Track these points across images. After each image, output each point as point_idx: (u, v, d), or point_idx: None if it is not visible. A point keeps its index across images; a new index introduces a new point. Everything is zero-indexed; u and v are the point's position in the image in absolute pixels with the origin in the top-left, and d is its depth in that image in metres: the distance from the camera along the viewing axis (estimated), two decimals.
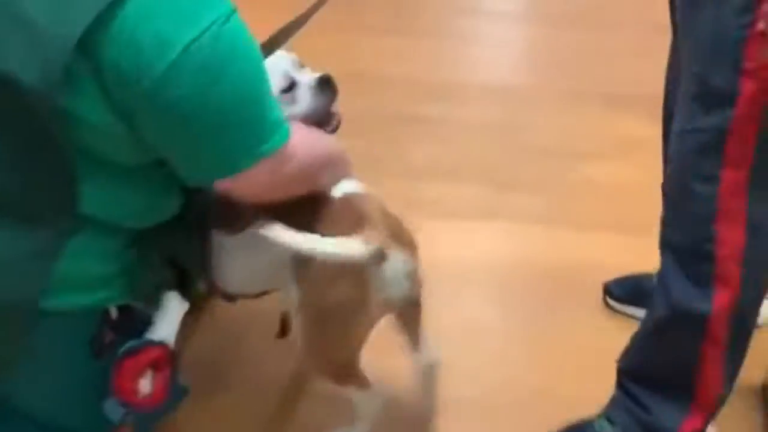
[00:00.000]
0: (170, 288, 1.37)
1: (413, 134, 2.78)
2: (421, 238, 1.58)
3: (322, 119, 1.48)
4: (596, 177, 2.53)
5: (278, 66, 1.46)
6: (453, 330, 1.94)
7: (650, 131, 1.92)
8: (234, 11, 1.10)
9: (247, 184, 1.18)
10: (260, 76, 1.15)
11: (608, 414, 1.59)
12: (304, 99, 1.46)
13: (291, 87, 1.45)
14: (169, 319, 1.34)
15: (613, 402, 1.59)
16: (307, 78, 1.47)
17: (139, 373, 1.25)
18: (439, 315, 1.92)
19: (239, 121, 1.11)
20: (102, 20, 1.02)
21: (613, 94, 3.02)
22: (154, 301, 1.34)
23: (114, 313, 1.27)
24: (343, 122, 1.53)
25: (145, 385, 1.26)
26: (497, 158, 2.64)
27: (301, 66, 1.50)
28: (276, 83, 1.44)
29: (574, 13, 3.77)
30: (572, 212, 2.37)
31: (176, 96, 1.05)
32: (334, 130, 1.51)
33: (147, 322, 1.31)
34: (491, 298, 2.08)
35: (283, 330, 1.64)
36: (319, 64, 1.53)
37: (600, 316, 2.00)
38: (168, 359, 1.28)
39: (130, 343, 1.25)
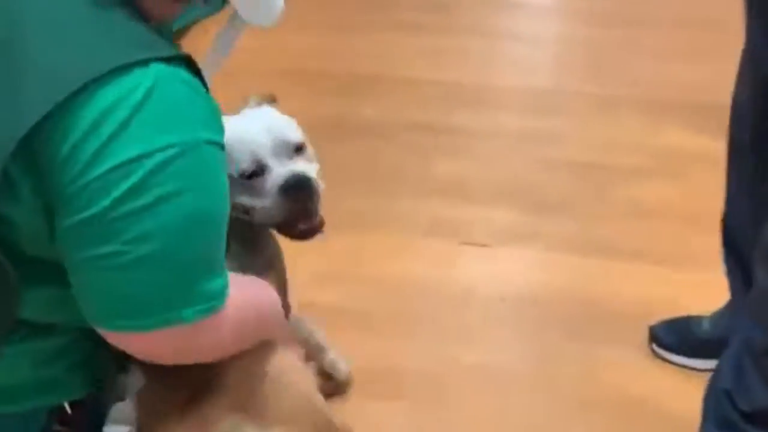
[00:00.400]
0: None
1: (439, 145, 2.59)
2: (445, 265, 1.46)
3: (292, 221, 1.27)
4: (639, 197, 2.33)
5: (251, 137, 1.25)
6: (477, 371, 1.81)
7: (701, 144, 1.75)
8: (210, 144, 0.94)
9: (141, 348, 1.02)
10: (205, 231, 0.97)
11: None
12: (269, 195, 1.25)
13: (258, 172, 1.24)
14: (126, 405, 1.21)
15: None
16: (281, 169, 1.24)
17: None
18: (462, 353, 1.80)
19: (153, 272, 0.94)
20: (48, 122, 0.89)
21: (659, 100, 2.78)
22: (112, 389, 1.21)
23: (68, 409, 1.14)
24: (362, 129, 1.34)
25: None
26: (530, 175, 2.44)
27: (300, 144, 1.28)
28: (242, 162, 1.24)
29: (616, 9, 3.52)
30: (612, 238, 2.17)
31: (90, 210, 0.90)
32: (309, 234, 1.29)
33: (103, 413, 1.21)
34: (521, 335, 1.93)
35: None
36: (341, 64, 1.35)
37: (643, 358, 1.84)
38: None
39: None
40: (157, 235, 0.91)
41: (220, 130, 0.99)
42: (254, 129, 1.27)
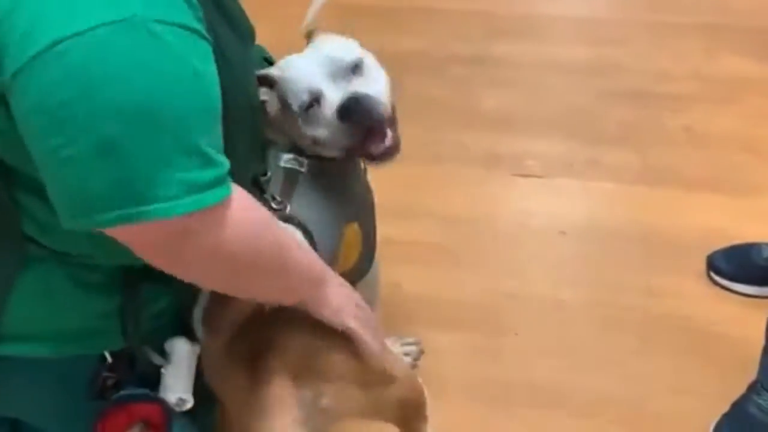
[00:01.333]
0: (174, 333, 1.19)
1: (486, 78, 2.55)
2: (504, 198, 1.45)
3: (360, 145, 1.21)
4: (697, 126, 2.28)
5: (305, 67, 1.21)
6: (536, 303, 1.82)
7: (759, 71, 1.69)
8: (166, 24, 0.85)
9: (128, 241, 0.93)
10: (163, 118, 0.85)
11: None
12: (329, 122, 1.20)
13: (315, 102, 1.20)
14: (178, 371, 1.16)
15: None
16: (336, 93, 1.19)
17: (124, 429, 1.12)
18: (520, 285, 1.81)
19: (114, 161, 0.84)
20: None
21: (716, 26, 2.70)
22: (161, 349, 1.18)
23: (108, 357, 1.14)
24: (406, 62, 1.27)
25: None
26: (584, 106, 2.40)
27: (356, 62, 1.21)
28: (300, 94, 1.20)
29: None
30: (670, 168, 2.15)
31: (32, 100, 0.83)
32: (384, 157, 1.21)
33: (157, 369, 1.17)
34: (582, 265, 1.92)
35: None
36: None
37: (703, 286, 1.83)
38: (163, 417, 1.12)
39: (121, 393, 1.12)
40: (102, 121, 0.83)
41: (182, 13, 0.88)
42: (308, 59, 1.23)
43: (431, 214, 2.06)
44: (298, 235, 1.22)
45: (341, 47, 1.24)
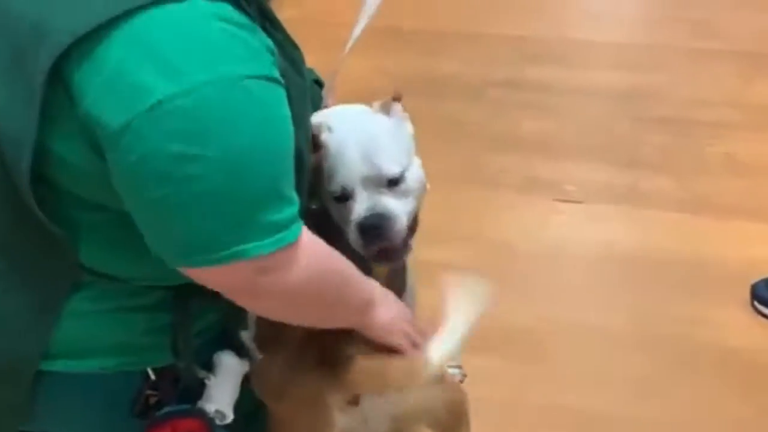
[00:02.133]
0: (219, 348, 1.20)
1: (523, 102, 2.56)
2: (541, 222, 1.46)
3: (373, 255, 1.20)
4: (737, 154, 2.28)
5: (346, 159, 1.17)
6: (576, 329, 1.81)
7: None
8: (254, 78, 0.90)
9: (213, 282, 0.99)
10: (256, 164, 0.91)
11: None
12: (351, 226, 1.17)
13: (344, 198, 1.18)
14: (223, 385, 1.17)
15: None
16: (362, 205, 1.16)
17: None
18: (559, 310, 1.80)
19: (215, 209, 0.91)
20: (77, 51, 0.87)
21: (755, 53, 2.70)
22: (207, 364, 1.19)
23: (152, 375, 1.14)
24: (442, 84, 1.28)
25: None
26: (622, 131, 2.40)
27: (396, 177, 1.18)
28: (332, 183, 1.17)
29: None
30: (710, 196, 2.14)
31: (137, 154, 0.87)
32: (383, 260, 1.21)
33: (200, 384, 1.17)
34: (624, 292, 1.91)
35: None
36: (410, 23, 1.33)
37: (746, 315, 1.82)
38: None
39: (166, 409, 1.12)
40: (208, 172, 0.88)
41: (267, 65, 0.93)
42: (351, 150, 1.19)
43: (469, 238, 2.06)
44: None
45: (386, 155, 1.19)
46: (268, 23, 1.07)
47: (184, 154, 0.87)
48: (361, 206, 1.17)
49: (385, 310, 1.23)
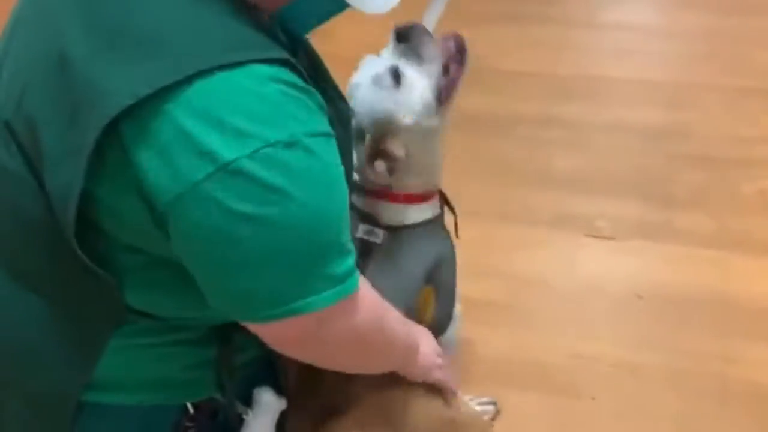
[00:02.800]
0: (262, 383, 1.23)
1: (551, 139, 2.57)
2: (575, 259, 1.47)
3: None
4: None
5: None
6: (611, 367, 1.81)
7: None
8: (312, 136, 0.92)
9: (272, 335, 1.02)
10: (321, 220, 0.94)
11: None
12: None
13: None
14: (260, 421, 1.20)
15: None
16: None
17: None
18: (592, 348, 1.80)
19: (280, 267, 0.93)
20: (137, 111, 0.88)
21: None
22: (246, 399, 1.22)
23: (191, 409, 1.16)
24: (476, 121, 1.34)
25: None
26: (654, 168, 2.40)
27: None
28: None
29: None
30: (744, 233, 2.13)
31: (201, 218, 0.89)
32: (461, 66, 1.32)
33: (238, 419, 1.20)
34: (657, 329, 1.90)
35: None
36: None
37: None
38: None
39: None
40: (274, 231, 0.90)
41: (323, 122, 0.96)
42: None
43: (501, 274, 2.07)
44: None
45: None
46: (319, 75, 1.09)
47: (249, 215, 0.89)
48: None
49: (423, 351, 1.25)
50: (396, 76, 1.28)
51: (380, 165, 1.30)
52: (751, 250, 2.07)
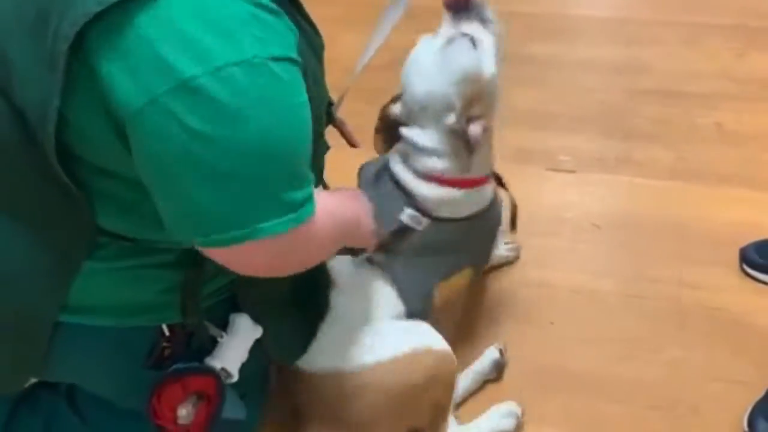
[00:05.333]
0: (232, 309, 1.25)
1: (518, 77, 2.57)
2: (537, 191, 1.51)
3: None
4: (729, 124, 2.31)
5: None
6: (566, 292, 1.85)
7: None
8: (276, 60, 0.92)
9: (232, 262, 1.03)
10: (279, 146, 0.94)
11: None
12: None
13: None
14: (233, 345, 1.22)
15: None
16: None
17: (180, 400, 1.16)
18: (555, 275, 1.84)
19: (232, 189, 0.93)
20: (103, 22, 0.88)
21: (747, 27, 2.73)
22: (224, 323, 1.24)
23: (166, 330, 1.19)
24: None
25: (185, 414, 1.15)
26: (615, 103, 2.43)
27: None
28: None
29: None
30: (702, 164, 2.18)
31: (159, 132, 0.90)
32: None
33: (212, 342, 1.22)
34: (616, 257, 1.95)
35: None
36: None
37: (735, 278, 1.86)
38: (217, 389, 1.17)
39: (176, 366, 1.16)
40: (224, 154, 0.91)
41: (290, 47, 0.96)
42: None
43: None
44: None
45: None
46: (295, 10, 1.09)
47: (206, 134, 0.89)
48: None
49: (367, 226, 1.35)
50: (472, 40, 1.37)
51: (476, 128, 1.38)
52: (708, 181, 2.11)
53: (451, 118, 1.37)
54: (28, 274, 1.09)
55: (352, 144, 1.41)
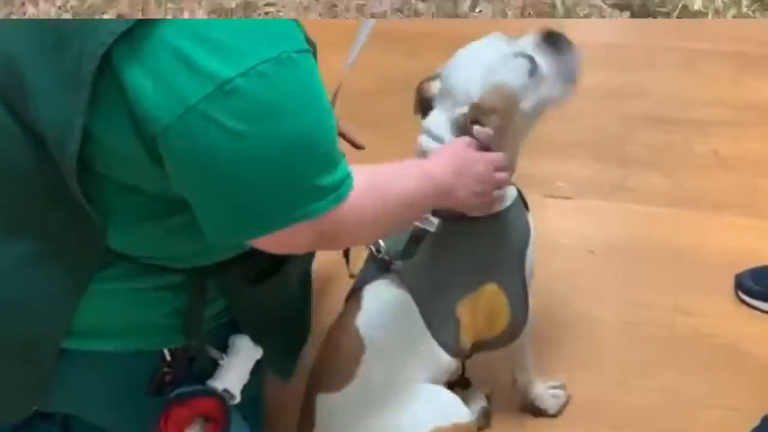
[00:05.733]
0: (233, 332, 1.26)
1: None
2: (534, 217, 1.52)
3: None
4: (725, 151, 2.32)
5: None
6: (566, 320, 1.84)
7: None
8: (298, 53, 0.95)
9: (282, 244, 1.06)
10: (313, 133, 0.99)
11: None
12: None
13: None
14: (235, 367, 1.22)
15: None
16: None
17: (187, 423, 1.17)
18: (551, 302, 1.84)
19: (274, 179, 0.97)
20: (128, 38, 0.91)
21: (743, 53, 2.74)
22: (224, 346, 1.24)
23: (167, 355, 1.20)
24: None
25: None
26: (612, 129, 2.44)
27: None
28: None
29: None
30: (698, 191, 2.18)
31: (199, 139, 0.92)
32: None
33: (214, 365, 1.23)
34: (611, 284, 1.95)
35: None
36: (393, 24, 1.39)
37: (730, 305, 1.86)
38: (222, 411, 1.18)
39: (181, 390, 1.18)
40: (269, 148, 0.94)
41: (302, 39, 0.99)
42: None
43: None
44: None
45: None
46: None
47: (248, 133, 0.92)
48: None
49: (452, 179, 1.29)
50: (534, 65, 1.35)
51: (480, 130, 1.35)
52: (704, 207, 2.12)
53: (462, 109, 1.35)
54: (33, 297, 1.10)
55: (356, 146, 1.43)
